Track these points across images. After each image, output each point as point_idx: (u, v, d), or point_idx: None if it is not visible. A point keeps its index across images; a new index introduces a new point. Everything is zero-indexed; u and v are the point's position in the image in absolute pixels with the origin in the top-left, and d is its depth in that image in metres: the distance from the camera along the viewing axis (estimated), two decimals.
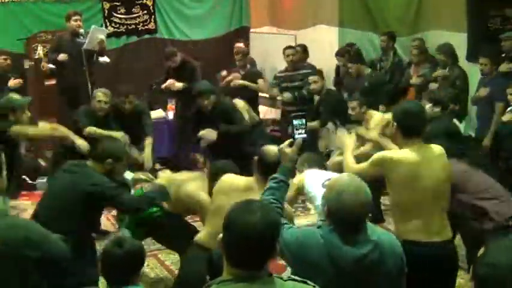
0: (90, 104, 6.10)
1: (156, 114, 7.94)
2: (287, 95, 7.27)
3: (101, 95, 5.81)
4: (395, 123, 3.38)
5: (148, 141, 5.95)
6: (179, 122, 7.43)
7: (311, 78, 7.01)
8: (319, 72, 7.23)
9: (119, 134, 5.55)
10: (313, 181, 4.16)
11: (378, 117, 5.80)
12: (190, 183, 4.38)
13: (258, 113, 7.70)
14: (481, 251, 1.83)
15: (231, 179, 3.64)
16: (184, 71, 7.37)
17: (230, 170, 3.93)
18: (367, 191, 2.46)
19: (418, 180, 3.23)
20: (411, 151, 3.28)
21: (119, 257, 2.63)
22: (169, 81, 7.26)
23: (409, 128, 3.33)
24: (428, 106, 5.08)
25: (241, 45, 8.34)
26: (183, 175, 4.62)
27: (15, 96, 4.91)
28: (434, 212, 3.26)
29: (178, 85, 7.23)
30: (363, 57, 7.56)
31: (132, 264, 2.65)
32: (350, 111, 5.92)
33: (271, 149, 3.39)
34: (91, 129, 5.62)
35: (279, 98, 7.68)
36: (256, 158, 3.50)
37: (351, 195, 2.39)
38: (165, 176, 4.72)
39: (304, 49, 8.11)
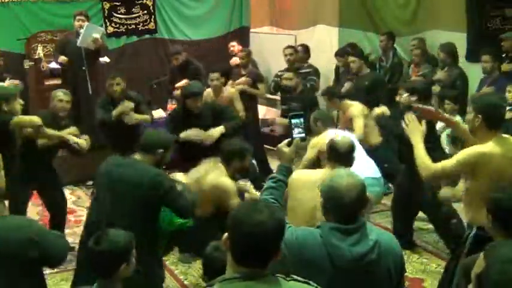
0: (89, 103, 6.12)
1: (156, 114, 7.93)
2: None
3: (61, 94, 5.34)
4: (479, 116, 3.38)
5: None
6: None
7: (285, 75, 7.06)
8: (294, 70, 7.23)
9: (72, 130, 5.22)
10: None
11: (359, 108, 5.94)
12: (210, 174, 4.43)
13: (257, 113, 7.74)
14: (481, 263, 1.81)
15: (304, 175, 3.67)
16: (187, 71, 7.40)
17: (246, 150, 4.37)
18: (359, 177, 2.49)
19: (504, 171, 3.34)
20: (496, 143, 3.37)
21: (96, 254, 2.70)
22: (185, 82, 7.28)
23: (495, 120, 3.40)
24: (405, 95, 5.10)
25: (234, 44, 8.37)
26: (199, 170, 4.57)
27: (3, 84, 4.81)
28: None
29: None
30: (365, 57, 7.54)
31: (110, 261, 2.70)
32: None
33: (344, 138, 3.57)
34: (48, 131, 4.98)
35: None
36: (326, 147, 3.61)
37: (343, 180, 2.43)
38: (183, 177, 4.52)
39: (305, 49, 8.11)
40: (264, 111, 8.62)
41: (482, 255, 1.90)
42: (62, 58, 7.21)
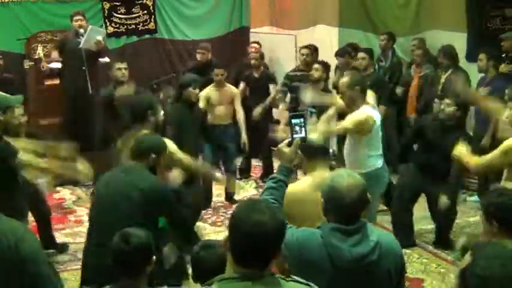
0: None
1: None
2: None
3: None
4: None
5: None
6: None
7: (315, 66, 6.80)
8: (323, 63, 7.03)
9: None
10: None
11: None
12: None
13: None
14: (467, 259, 1.85)
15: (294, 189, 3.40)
16: (208, 73, 7.36)
17: None
18: (360, 178, 2.47)
19: None
20: None
21: (128, 253, 2.67)
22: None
23: None
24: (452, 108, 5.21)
25: (256, 45, 8.36)
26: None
27: (3, 94, 4.57)
28: None
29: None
30: (373, 56, 7.47)
31: (142, 258, 2.70)
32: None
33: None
34: None
35: None
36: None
37: (344, 180, 2.42)
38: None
39: (314, 49, 8.09)
40: None
41: (470, 252, 1.94)
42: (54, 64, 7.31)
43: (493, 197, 2.79)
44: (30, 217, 5.59)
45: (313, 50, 7.97)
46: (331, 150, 6.42)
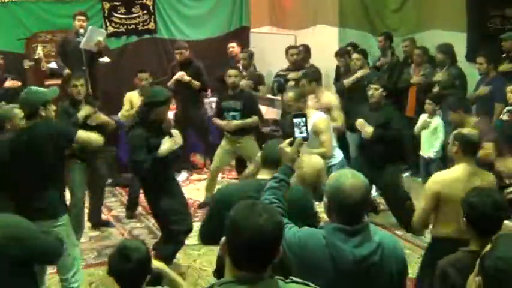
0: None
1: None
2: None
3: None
4: None
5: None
6: (181, 122, 7.37)
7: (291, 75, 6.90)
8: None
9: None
10: None
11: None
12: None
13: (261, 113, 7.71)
14: (488, 246, 1.91)
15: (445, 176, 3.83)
16: (188, 69, 7.39)
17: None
18: (364, 179, 2.47)
19: None
20: None
21: (130, 270, 2.64)
22: (180, 73, 7.28)
23: None
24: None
25: (234, 45, 8.34)
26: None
27: (39, 88, 4.38)
28: None
29: (187, 78, 7.27)
30: (367, 57, 7.52)
31: (143, 272, 2.68)
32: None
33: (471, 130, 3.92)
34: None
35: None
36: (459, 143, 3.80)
37: (349, 181, 2.41)
38: None
39: (306, 49, 8.11)
40: (263, 111, 8.58)
41: (490, 242, 2.04)
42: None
43: (470, 195, 2.85)
44: None
45: (304, 50, 7.99)
46: None
